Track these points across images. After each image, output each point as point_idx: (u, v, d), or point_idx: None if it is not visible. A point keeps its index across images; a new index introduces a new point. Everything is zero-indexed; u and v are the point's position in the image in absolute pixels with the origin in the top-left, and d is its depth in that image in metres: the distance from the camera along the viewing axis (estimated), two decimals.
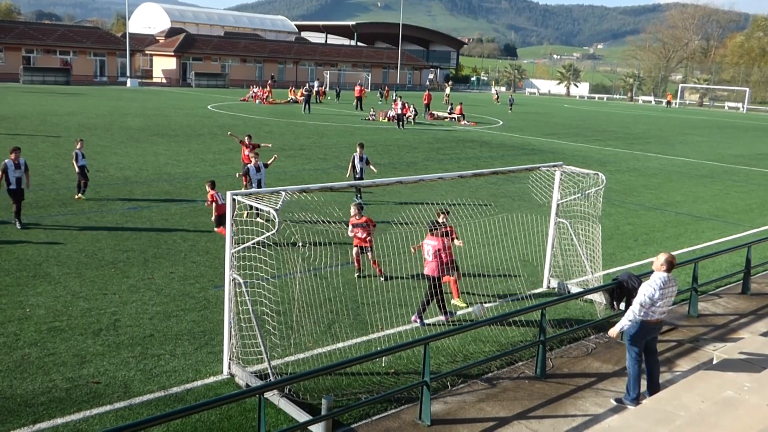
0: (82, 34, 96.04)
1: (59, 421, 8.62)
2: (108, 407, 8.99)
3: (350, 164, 21.76)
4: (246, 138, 21.86)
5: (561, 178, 14.30)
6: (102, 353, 10.52)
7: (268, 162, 19.41)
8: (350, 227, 14.22)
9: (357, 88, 67.30)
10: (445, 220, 13.03)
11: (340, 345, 11.12)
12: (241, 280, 9.89)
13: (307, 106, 56.08)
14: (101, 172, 24.95)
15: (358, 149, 21.81)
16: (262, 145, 23.30)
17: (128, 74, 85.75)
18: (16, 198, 17.14)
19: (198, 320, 11.95)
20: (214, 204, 17.32)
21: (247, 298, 9.70)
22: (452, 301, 13.18)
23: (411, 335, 11.64)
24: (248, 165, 19.12)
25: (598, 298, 12.93)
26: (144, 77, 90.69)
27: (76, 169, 20.69)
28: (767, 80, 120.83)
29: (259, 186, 17.84)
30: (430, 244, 12.32)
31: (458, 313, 12.86)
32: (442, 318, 12.53)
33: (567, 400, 9.74)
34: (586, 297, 13.16)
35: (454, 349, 11.21)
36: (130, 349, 10.70)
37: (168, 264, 15.00)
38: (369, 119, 52.31)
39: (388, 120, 50.69)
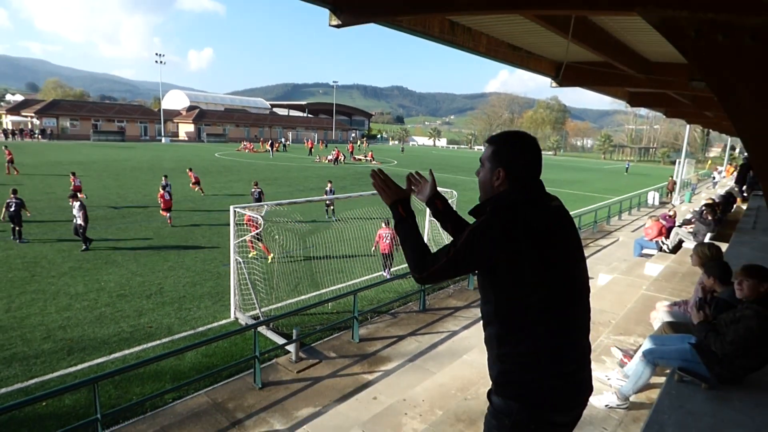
0: (131, 110, 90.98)
1: (126, 352, 8.32)
2: (158, 342, 8.72)
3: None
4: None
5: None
6: (152, 309, 10.16)
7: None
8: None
9: (308, 142, 67.10)
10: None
11: (303, 297, 11.11)
12: (241, 260, 9.78)
13: (272, 152, 58.64)
14: (147, 196, 23.83)
15: (254, 186, 18.78)
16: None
17: (162, 134, 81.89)
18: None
19: (214, 286, 11.69)
20: (162, 199, 17.92)
21: (244, 270, 9.60)
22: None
23: (345, 289, 11.73)
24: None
25: None
26: (173, 137, 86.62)
27: (161, 193, 18.30)
28: (544, 137, 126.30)
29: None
30: (387, 233, 12.53)
31: (377, 274, 13.02)
32: (384, 273, 12.71)
33: (438, 323, 10.05)
34: None
35: (372, 296, 11.36)
36: (171, 305, 10.38)
37: (193, 251, 14.55)
38: (316, 161, 51.83)
39: (328, 161, 50.42)
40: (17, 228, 14.76)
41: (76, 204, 14.51)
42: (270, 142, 62.90)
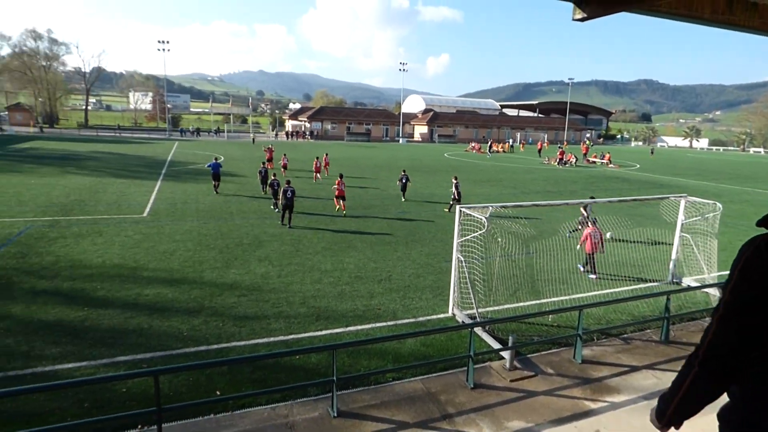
0: (377, 114, 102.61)
1: (359, 327, 9.31)
2: (384, 324, 9.51)
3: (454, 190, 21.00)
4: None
5: (685, 205, 12.44)
6: (382, 293, 11.16)
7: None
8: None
9: (538, 143, 64.64)
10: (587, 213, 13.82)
11: (521, 304, 10.71)
12: (462, 259, 9.93)
13: (488, 152, 60.57)
14: (384, 192, 26.42)
15: (453, 180, 21.08)
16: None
17: (400, 136, 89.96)
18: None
19: (435, 280, 12.20)
20: (337, 185, 20.18)
21: (465, 269, 9.72)
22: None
23: (569, 303, 10.86)
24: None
25: (713, 291, 11.04)
26: (409, 138, 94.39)
27: (454, 192, 20.74)
28: None
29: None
30: (596, 233, 12.60)
31: (607, 291, 11.75)
32: (580, 268, 12.88)
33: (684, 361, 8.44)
34: (703, 289, 11.31)
35: (599, 315, 10.26)
36: (397, 292, 11.23)
37: (419, 246, 15.49)
38: (545, 163, 49.57)
39: (557, 164, 47.67)
40: (289, 214, 17.38)
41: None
42: (489, 142, 63.05)
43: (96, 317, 9.24)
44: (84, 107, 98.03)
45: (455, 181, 21.37)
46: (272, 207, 20.55)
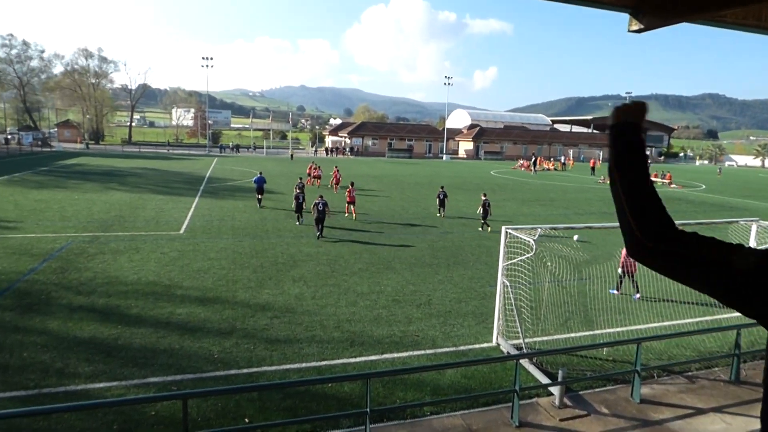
0: (419, 129, 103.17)
1: (395, 355, 9.17)
2: (422, 351, 9.34)
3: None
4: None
5: (757, 230, 11.68)
6: (420, 318, 11.00)
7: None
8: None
9: (591, 160, 62.90)
10: None
11: (572, 335, 10.29)
12: (508, 283, 9.68)
13: (534, 170, 58.10)
14: (425, 210, 26.32)
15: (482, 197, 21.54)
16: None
17: (444, 152, 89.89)
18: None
19: (478, 306, 11.95)
20: (347, 193, 23.05)
21: (511, 295, 9.46)
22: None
23: (626, 335, 10.34)
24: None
25: None
26: (453, 154, 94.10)
27: (480, 211, 21.35)
28: None
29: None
30: None
31: (669, 323, 11.11)
32: (617, 291, 12.91)
33: (758, 405, 7.81)
34: None
35: (660, 349, 9.70)
36: (437, 318, 11.04)
37: (462, 269, 15.24)
38: (600, 182, 48.11)
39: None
40: (321, 226, 18.49)
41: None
42: (533, 159, 61.75)
43: (129, 335, 9.53)
44: (129, 123, 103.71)
45: (484, 198, 21.52)
46: (297, 223, 21.32)
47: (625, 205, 1.41)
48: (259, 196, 25.64)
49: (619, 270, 12.90)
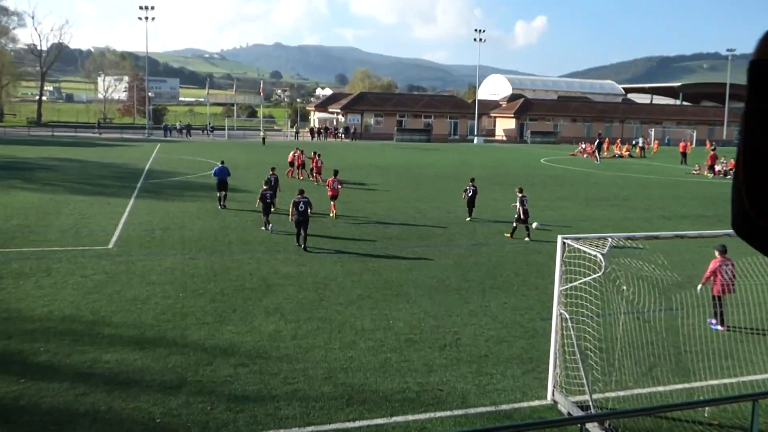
0: (441, 102, 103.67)
1: (410, 417, 9.09)
2: (448, 413, 9.25)
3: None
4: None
5: None
6: (445, 365, 10.91)
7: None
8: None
9: (681, 143, 62.59)
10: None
11: (660, 389, 10.16)
12: (568, 316, 9.59)
13: (598, 157, 57.23)
14: (450, 213, 26.26)
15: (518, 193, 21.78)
16: None
17: (475, 133, 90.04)
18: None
19: (526, 347, 11.84)
20: (328, 185, 24.69)
21: (572, 332, 9.36)
22: None
23: (737, 388, 10.18)
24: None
25: None
26: (488, 135, 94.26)
27: (521, 213, 21.37)
28: None
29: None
30: (728, 265, 12.75)
31: None
32: (720, 328, 12.94)
33: None
34: None
35: None
36: (468, 365, 10.94)
37: (502, 295, 15.14)
38: (693, 173, 47.94)
39: (715, 175, 45.85)
40: (303, 232, 18.82)
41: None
42: (598, 142, 61.04)
43: (35, 394, 9.48)
44: (38, 97, 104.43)
45: (520, 195, 21.63)
46: (263, 228, 21.65)
47: (741, 166, 1.46)
48: (221, 194, 25.96)
49: (715, 290, 12.81)
